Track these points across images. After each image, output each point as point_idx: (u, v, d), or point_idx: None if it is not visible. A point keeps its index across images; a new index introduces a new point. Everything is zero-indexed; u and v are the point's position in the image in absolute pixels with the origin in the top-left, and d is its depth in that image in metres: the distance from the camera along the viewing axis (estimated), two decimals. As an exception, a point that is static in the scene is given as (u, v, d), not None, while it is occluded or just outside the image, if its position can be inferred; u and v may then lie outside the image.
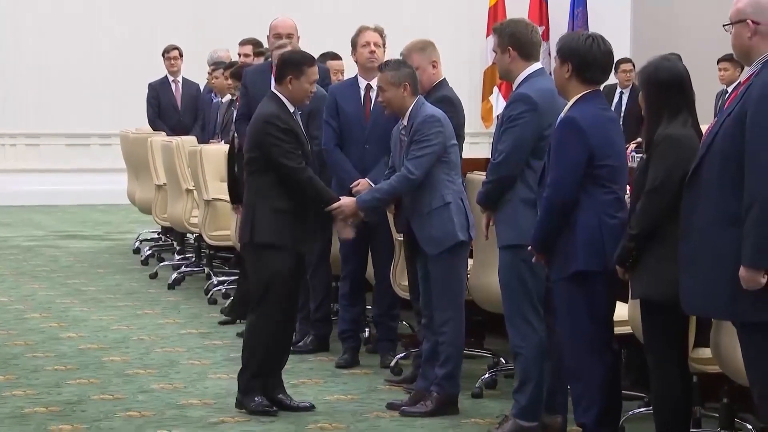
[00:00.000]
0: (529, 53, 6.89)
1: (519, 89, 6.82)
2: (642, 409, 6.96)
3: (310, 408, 7.32)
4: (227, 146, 10.12)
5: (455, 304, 7.35)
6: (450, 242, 7.23)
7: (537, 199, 6.49)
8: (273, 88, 7.42)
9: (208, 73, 13.70)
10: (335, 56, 10.65)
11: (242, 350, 7.33)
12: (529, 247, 6.41)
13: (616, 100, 16.35)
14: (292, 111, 7.29)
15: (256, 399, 7.21)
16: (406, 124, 7.40)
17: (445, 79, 7.95)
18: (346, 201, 7.44)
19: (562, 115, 6.34)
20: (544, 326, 6.77)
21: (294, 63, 7.34)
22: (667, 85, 5.96)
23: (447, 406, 7.32)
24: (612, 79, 16.35)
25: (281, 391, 7.37)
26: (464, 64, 19.21)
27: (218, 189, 10.95)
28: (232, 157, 9.67)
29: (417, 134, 7.26)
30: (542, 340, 6.76)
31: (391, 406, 7.41)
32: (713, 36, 6.52)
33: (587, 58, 6.33)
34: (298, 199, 7.22)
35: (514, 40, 6.87)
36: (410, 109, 7.39)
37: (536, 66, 6.90)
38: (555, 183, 6.24)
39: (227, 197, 9.96)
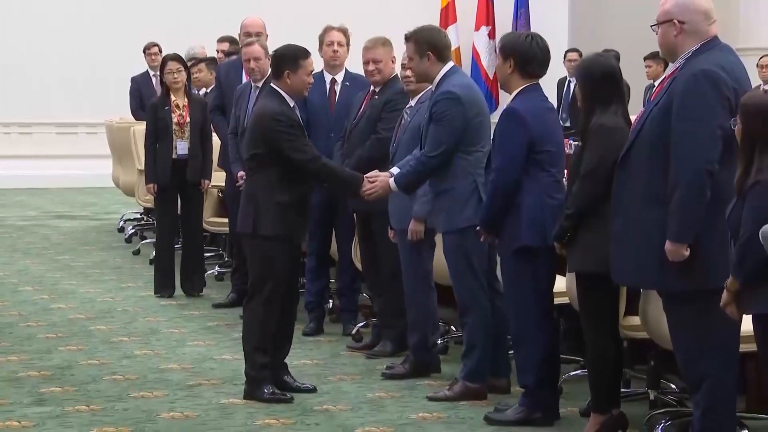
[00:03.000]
0: (445, 55, 6.98)
1: (440, 88, 6.84)
2: (578, 372, 7.01)
3: (313, 390, 6.96)
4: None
5: (423, 278, 7.34)
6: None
7: (484, 184, 6.52)
8: (272, 84, 6.98)
9: (185, 67, 13.62)
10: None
11: (245, 341, 6.88)
12: (478, 228, 6.44)
13: (565, 89, 16.36)
14: (292, 105, 6.86)
15: (266, 389, 6.76)
16: (413, 105, 7.37)
17: (397, 74, 7.96)
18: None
19: (505, 106, 6.38)
20: (487, 298, 6.81)
21: (290, 57, 6.88)
22: (601, 79, 5.98)
23: (421, 369, 7.33)
24: (563, 71, 16.50)
25: (286, 373, 6.99)
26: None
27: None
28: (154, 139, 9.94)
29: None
30: (487, 311, 6.80)
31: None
32: (642, 34, 6.56)
33: (528, 54, 6.37)
34: (301, 191, 6.80)
35: (432, 45, 6.91)
36: (420, 94, 7.37)
37: (450, 65, 6.96)
38: (500, 168, 6.28)
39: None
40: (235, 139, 9.25)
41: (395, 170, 6.97)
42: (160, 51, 15.07)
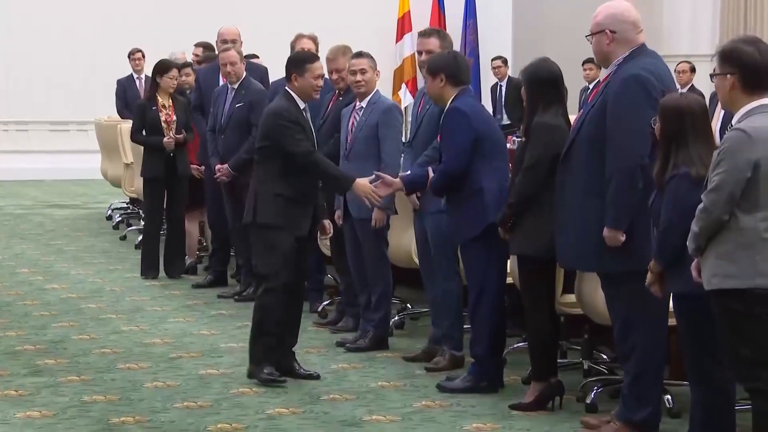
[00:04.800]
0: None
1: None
2: (520, 344, 7.02)
3: (317, 377, 6.60)
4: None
5: (383, 260, 7.34)
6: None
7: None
8: (285, 87, 6.65)
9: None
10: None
11: (252, 325, 6.55)
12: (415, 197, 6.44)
13: (498, 92, 16.57)
14: (302, 107, 6.57)
15: (266, 370, 6.45)
16: (365, 107, 7.32)
17: None
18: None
19: (446, 107, 6.38)
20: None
21: (295, 62, 6.63)
22: (544, 82, 5.99)
23: (380, 342, 7.32)
24: (493, 78, 16.69)
25: (293, 360, 6.65)
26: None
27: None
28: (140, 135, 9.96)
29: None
30: (459, 287, 6.78)
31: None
32: (578, 42, 6.58)
33: (454, 67, 6.47)
34: (303, 186, 6.51)
35: (451, 45, 7.02)
36: (370, 96, 7.34)
37: None
38: (450, 159, 6.29)
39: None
40: (213, 135, 9.22)
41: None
42: (143, 56, 15.01)
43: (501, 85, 16.49)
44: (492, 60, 16.77)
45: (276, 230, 6.45)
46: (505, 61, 16.69)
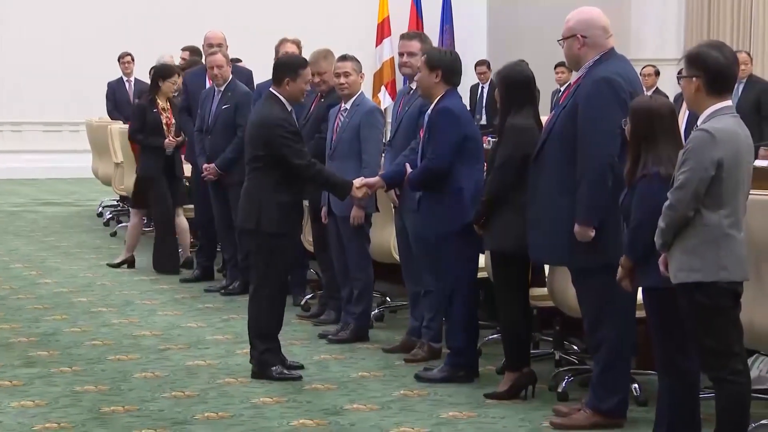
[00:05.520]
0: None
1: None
2: (495, 336, 7.02)
3: (300, 367, 6.55)
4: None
5: (365, 255, 7.33)
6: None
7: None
8: (271, 89, 6.48)
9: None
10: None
11: (250, 328, 6.43)
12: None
13: (479, 93, 16.62)
14: (290, 110, 6.41)
15: (274, 368, 6.34)
16: (349, 108, 7.26)
17: None
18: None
19: (433, 106, 6.37)
20: None
21: (290, 66, 6.46)
22: (517, 84, 5.99)
23: (361, 334, 7.30)
24: (474, 79, 16.72)
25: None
26: (357, 68, 19.02)
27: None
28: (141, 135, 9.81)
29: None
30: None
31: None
32: (550, 46, 6.58)
33: (453, 67, 6.42)
34: (299, 191, 6.46)
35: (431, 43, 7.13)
36: (354, 98, 7.28)
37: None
38: (436, 156, 6.27)
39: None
40: (200, 135, 9.20)
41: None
42: (133, 60, 14.96)
43: (483, 87, 16.59)
44: (476, 65, 16.77)
45: (280, 237, 6.36)
46: (488, 66, 16.77)
